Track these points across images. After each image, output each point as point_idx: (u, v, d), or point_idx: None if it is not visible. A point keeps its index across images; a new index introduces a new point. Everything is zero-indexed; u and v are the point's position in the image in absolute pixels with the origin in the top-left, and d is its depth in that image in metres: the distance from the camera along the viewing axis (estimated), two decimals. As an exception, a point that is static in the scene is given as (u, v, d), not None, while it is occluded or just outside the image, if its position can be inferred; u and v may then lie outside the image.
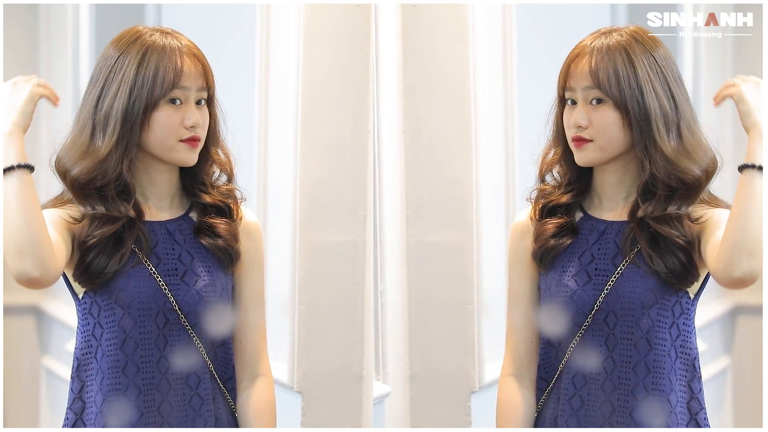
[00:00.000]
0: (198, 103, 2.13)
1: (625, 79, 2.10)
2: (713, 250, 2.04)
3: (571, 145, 2.16)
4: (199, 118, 2.12)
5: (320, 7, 2.99)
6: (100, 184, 2.09)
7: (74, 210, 2.12)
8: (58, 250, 2.02)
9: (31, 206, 1.96)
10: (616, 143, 2.13)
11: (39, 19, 4.55)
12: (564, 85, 2.16)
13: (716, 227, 2.07)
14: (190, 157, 2.13)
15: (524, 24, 3.37)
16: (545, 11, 3.61)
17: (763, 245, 1.97)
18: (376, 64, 3.06)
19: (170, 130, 2.10)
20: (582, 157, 2.15)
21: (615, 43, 2.13)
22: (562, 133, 2.19)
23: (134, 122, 2.08)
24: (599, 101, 2.12)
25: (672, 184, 2.11)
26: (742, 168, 2.00)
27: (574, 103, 2.15)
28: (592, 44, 2.14)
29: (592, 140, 2.13)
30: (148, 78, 2.08)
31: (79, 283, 2.12)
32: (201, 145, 2.14)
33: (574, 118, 2.14)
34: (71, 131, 2.14)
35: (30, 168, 1.98)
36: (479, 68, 3.18)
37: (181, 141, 2.11)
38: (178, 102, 2.11)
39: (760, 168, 1.98)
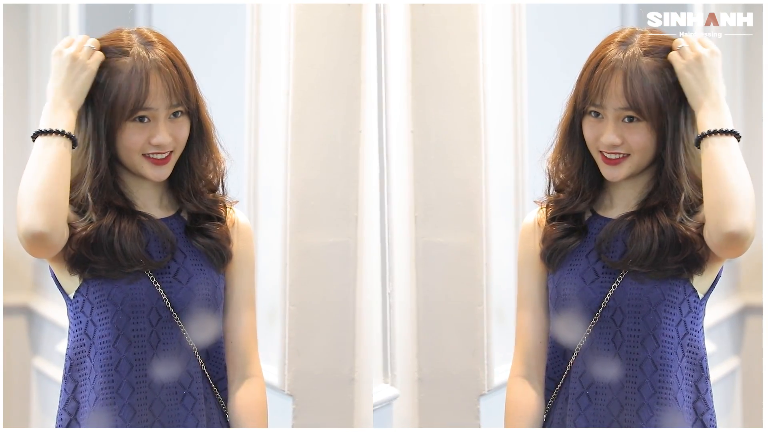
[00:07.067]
0: (175, 115, 2.11)
1: (660, 100, 2.09)
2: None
3: (598, 159, 2.14)
4: (167, 136, 2.10)
5: (311, 7, 2.98)
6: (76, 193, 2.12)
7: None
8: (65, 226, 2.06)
9: (64, 174, 2.04)
10: (649, 159, 2.13)
11: (29, 19, 4.53)
12: (587, 99, 2.12)
13: None
14: (156, 175, 2.12)
15: (534, 23, 3.35)
16: (555, 11, 3.60)
17: (747, 199, 2.01)
18: (384, 62, 3.05)
19: (135, 148, 2.10)
20: (617, 174, 2.13)
21: (642, 59, 2.09)
22: (581, 142, 2.17)
23: (102, 142, 2.09)
24: (631, 119, 2.11)
25: (697, 195, 2.13)
26: (698, 142, 2.07)
27: (597, 115, 2.13)
28: (617, 58, 2.10)
29: (629, 155, 2.11)
30: (111, 100, 2.08)
31: (75, 267, 2.10)
32: (173, 159, 2.13)
33: (606, 137, 2.11)
34: None
35: (74, 142, 2.06)
36: (489, 68, 3.17)
37: (144, 156, 2.11)
38: (146, 120, 2.10)
39: (711, 133, 2.05)
